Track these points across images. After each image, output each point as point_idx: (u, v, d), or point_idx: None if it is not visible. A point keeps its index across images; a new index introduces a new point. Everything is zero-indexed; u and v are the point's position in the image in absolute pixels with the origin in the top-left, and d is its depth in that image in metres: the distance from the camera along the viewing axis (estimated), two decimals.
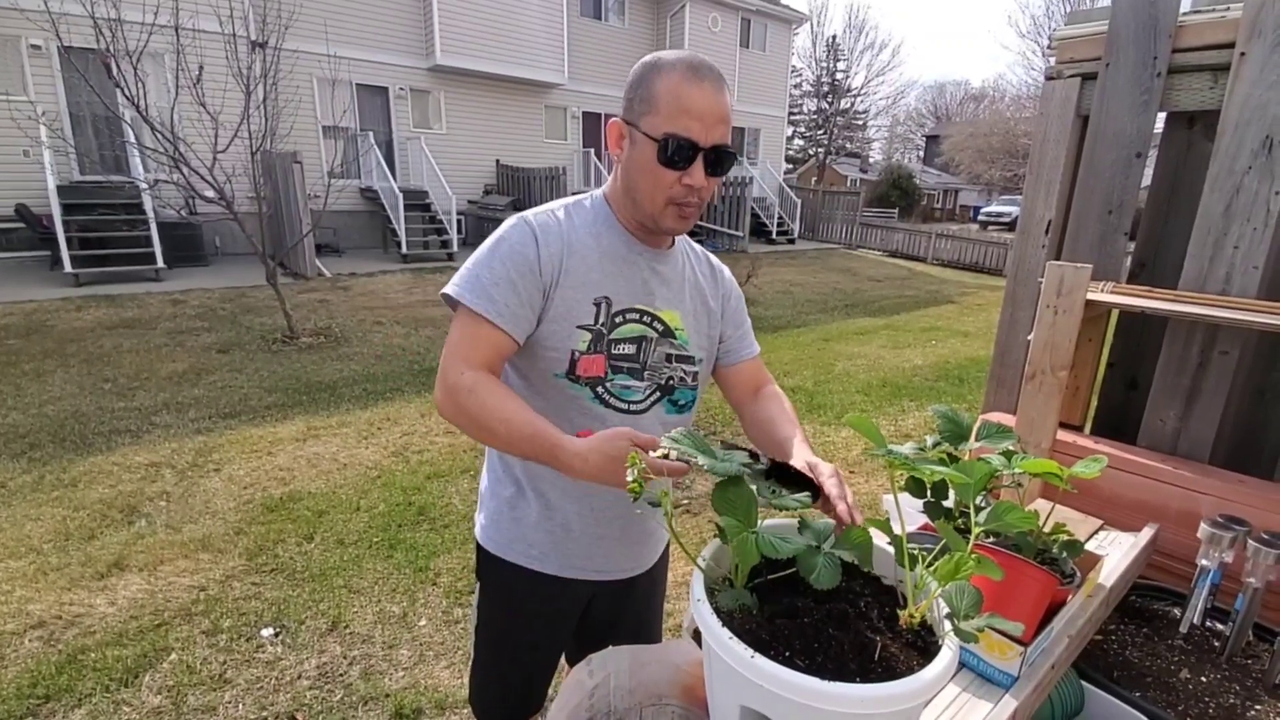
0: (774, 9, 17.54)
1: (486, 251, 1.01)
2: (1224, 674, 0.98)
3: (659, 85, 0.94)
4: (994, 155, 30.72)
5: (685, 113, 0.93)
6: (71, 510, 3.19)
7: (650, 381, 1.10)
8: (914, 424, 4.92)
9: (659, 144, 0.94)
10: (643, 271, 1.08)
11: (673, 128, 0.93)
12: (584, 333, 1.03)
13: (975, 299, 11.12)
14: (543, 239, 1.01)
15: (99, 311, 6.79)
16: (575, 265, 1.02)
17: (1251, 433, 1.48)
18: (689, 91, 0.93)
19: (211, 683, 2.16)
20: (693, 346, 1.14)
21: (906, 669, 0.61)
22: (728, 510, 0.69)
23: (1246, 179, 1.31)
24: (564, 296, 1.01)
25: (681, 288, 1.14)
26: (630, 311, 1.07)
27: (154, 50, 6.13)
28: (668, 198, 0.99)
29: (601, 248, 1.05)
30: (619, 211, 1.08)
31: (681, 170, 0.96)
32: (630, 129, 0.98)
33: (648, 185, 0.98)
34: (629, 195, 1.03)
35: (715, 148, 0.96)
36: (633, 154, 0.99)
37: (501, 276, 0.98)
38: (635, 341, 1.07)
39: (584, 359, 1.04)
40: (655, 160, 0.95)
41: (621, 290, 1.06)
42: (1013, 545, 0.88)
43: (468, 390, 0.95)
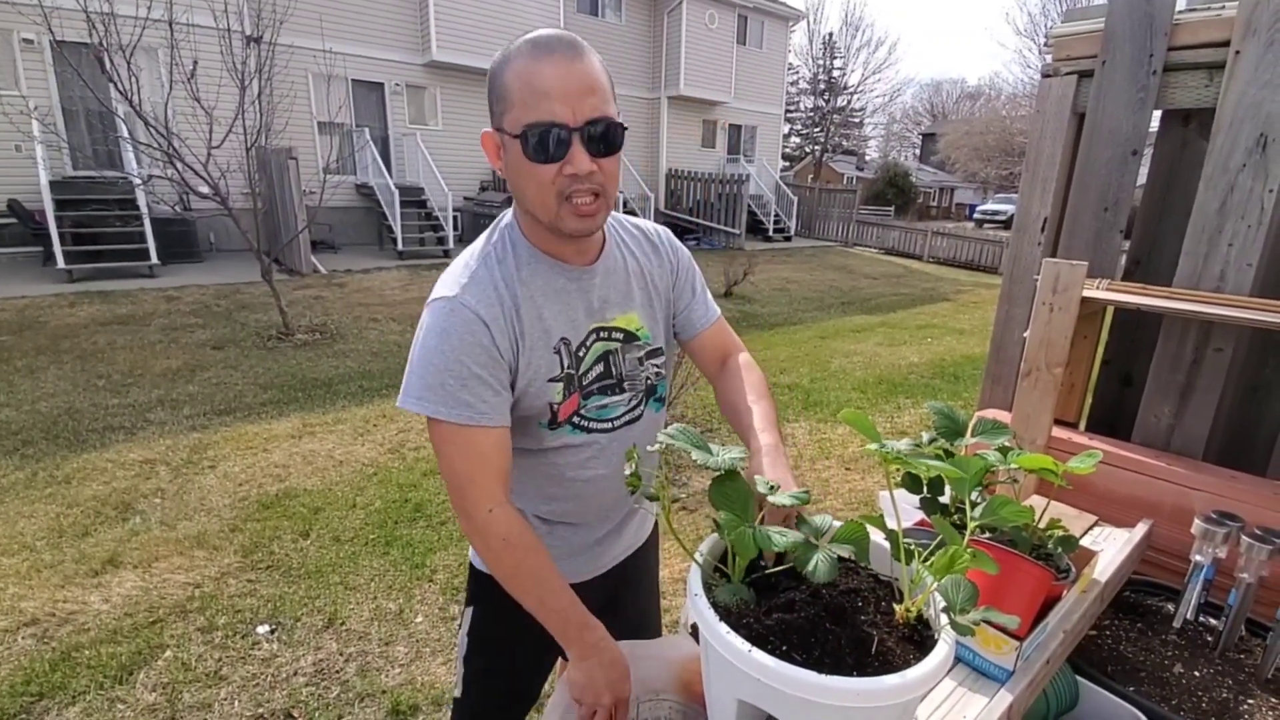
0: (771, 6, 17.51)
1: (435, 350, 0.88)
2: (1217, 668, 0.99)
3: (508, 77, 0.83)
4: (990, 153, 30.78)
5: (541, 95, 0.80)
6: (65, 507, 3.17)
7: (633, 390, 1.06)
8: (910, 421, 4.94)
9: (521, 139, 0.83)
10: (588, 293, 1.00)
11: (531, 115, 0.81)
12: (556, 384, 0.97)
13: (971, 296, 11.15)
14: (489, 318, 0.89)
15: (92, 308, 6.75)
16: (527, 326, 0.93)
17: (1245, 429, 1.49)
18: (538, 70, 0.81)
19: (207, 680, 2.15)
20: (656, 338, 1.09)
21: (903, 663, 0.61)
22: (725, 505, 0.69)
23: (1241, 176, 1.31)
24: (530, 361, 0.94)
25: (628, 286, 1.05)
26: (590, 335, 1.00)
27: (148, 45, 6.08)
28: (556, 195, 0.86)
29: (540, 289, 0.95)
30: (533, 238, 0.96)
31: (559, 161, 0.83)
32: (500, 135, 0.87)
33: (532, 189, 0.87)
34: (524, 209, 0.93)
35: (590, 123, 0.83)
36: (508, 161, 0.88)
37: (467, 375, 0.88)
38: (601, 361, 1.02)
39: (562, 406, 0.99)
40: (523, 157, 0.84)
41: (575, 323, 0.99)
42: (1008, 540, 0.89)
43: (502, 541, 0.91)
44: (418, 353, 0.90)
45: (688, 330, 1.15)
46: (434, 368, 0.88)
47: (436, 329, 0.89)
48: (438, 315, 0.90)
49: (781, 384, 5.64)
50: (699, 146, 17.40)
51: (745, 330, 7.74)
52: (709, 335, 1.16)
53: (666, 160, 16.52)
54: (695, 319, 1.15)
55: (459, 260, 0.96)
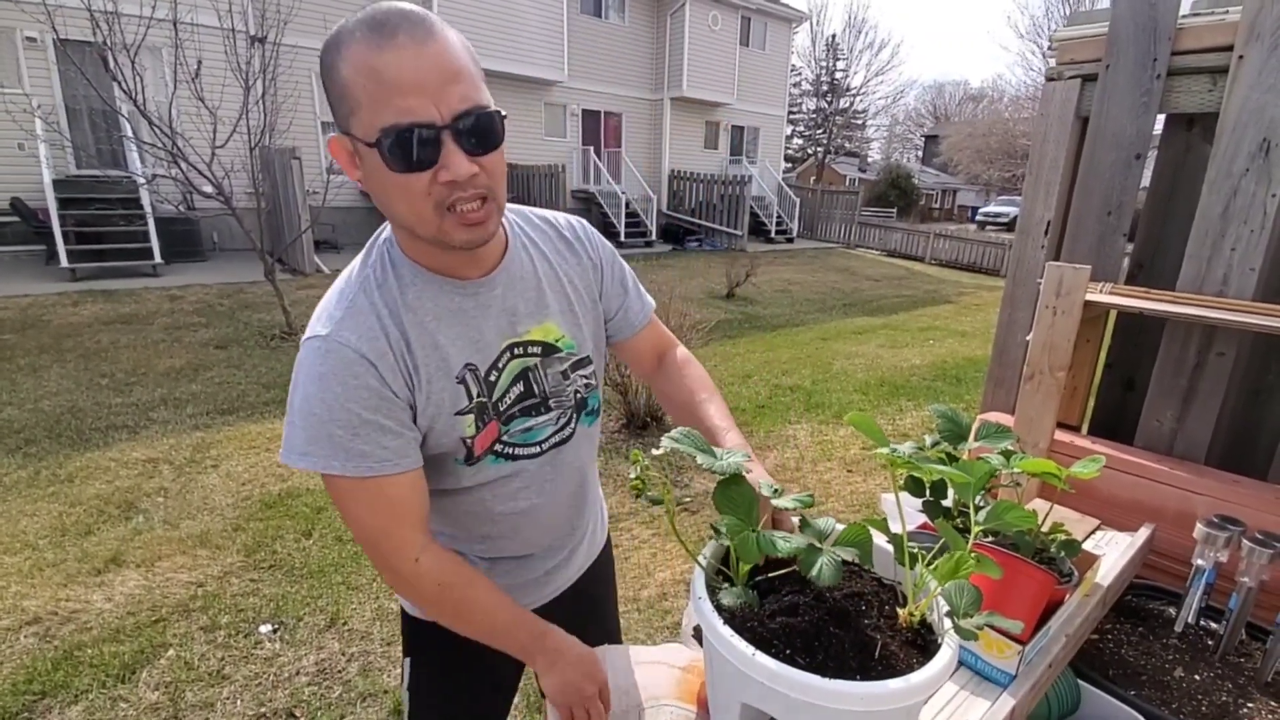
0: (774, 8, 17.53)
1: (315, 398, 0.75)
2: (1217, 672, 0.99)
3: (345, 69, 0.67)
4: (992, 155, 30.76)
5: (392, 90, 0.66)
6: (68, 506, 3.18)
7: (559, 408, 0.94)
8: (912, 423, 4.93)
9: (378, 146, 0.68)
10: (489, 309, 0.86)
11: (383, 118, 0.66)
12: (466, 416, 0.85)
13: (973, 299, 11.14)
14: (374, 355, 0.76)
15: (95, 306, 6.77)
16: (421, 359, 0.80)
17: (1247, 433, 1.49)
18: (382, 59, 0.65)
19: (209, 679, 2.16)
20: (581, 347, 0.96)
21: (906, 666, 0.62)
22: (729, 509, 0.69)
23: (1244, 181, 1.31)
24: (430, 396, 0.81)
25: (540, 292, 0.91)
26: (500, 358, 0.87)
27: (152, 44, 6.10)
28: (433, 206, 0.72)
29: (431, 313, 0.82)
30: (415, 254, 0.82)
31: (430, 166, 0.69)
32: (350, 141, 0.71)
33: (402, 205, 0.72)
34: (394, 223, 0.80)
35: (460, 116, 0.68)
36: (367, 172, 0.72)
37: (357, 423, 0.75)
38: (520, 380, 0.89)
39: (478, 438, 0.87)
40: (385, 168, 0.69)
41: (478, 346, 0.85)
42: (1011, 544, 0.89)
43: (437, 587, 0.83)
44: (296, 401, 0.76)
45: (624, 331, 1.04)
46: (316, 418, 0.75)
47: (313, 374, 0.75)
48: (312, 357, 0.76)
49: (783, 385, 5.64)
50: (701, 148, 17.41)
51: (747, 331, 7.74)
52: (646, 334, 1.06)
53: (669, 161, 16.54)
54: (633, 318, 1.04)
55: (334, 287, 0.81)
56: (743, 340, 7.29)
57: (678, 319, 4.57)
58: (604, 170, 14.64)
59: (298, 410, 0.76)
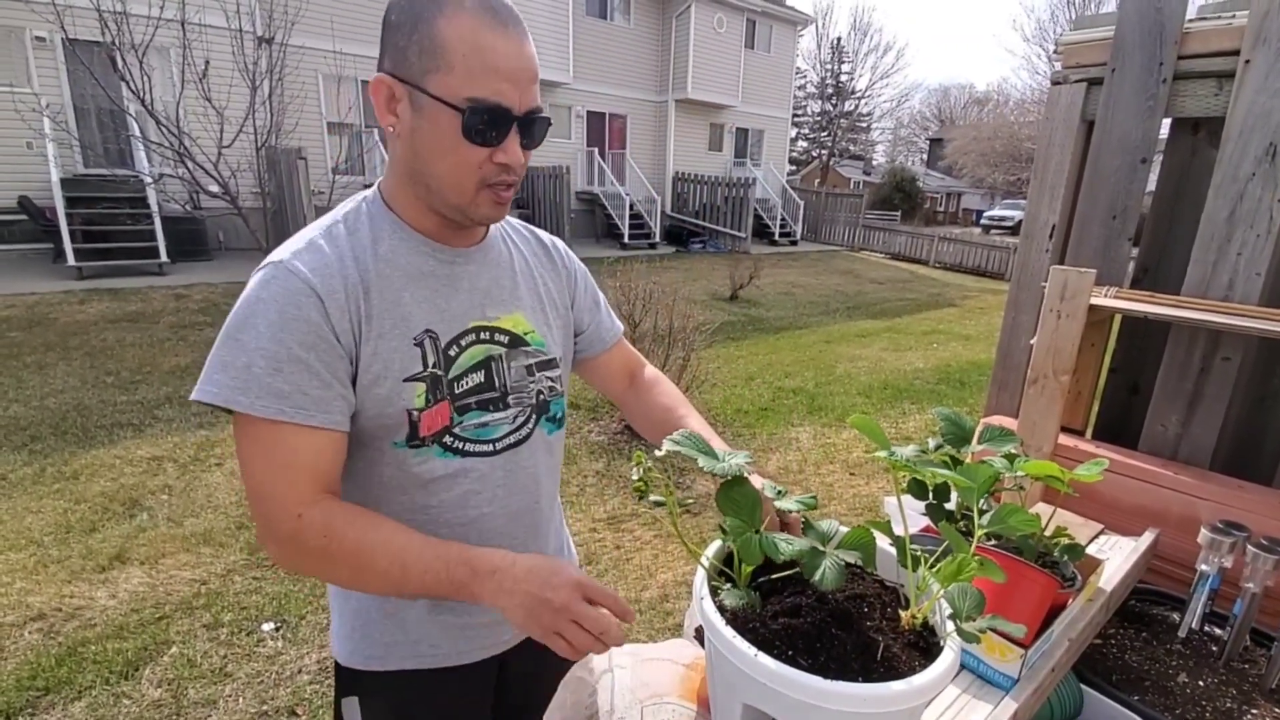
0: (779, 10, 17.53)
1: (244, 323, 0.71)
2: (1221, 678, 0.98)
3: (448, 32, 0.70)
4: (997, 159, 30.71)
5: (493, 71, 0.71)
6: (73, 503, 3.20)
7: (519, 405, 0.89)
8: (915, 426, 4.92)
9: (462, 113, 0.71)
10: (461, 280, 0.85)
11: (478, 91, 0.71)
12: (416, 384, 0.79)
13: (977, 302, 11.12)
14: (324, 290, 0.73)
15: (102, 305, 6.80)
16: (377, 304, 0.77)
17: (1252, 439, 1.48)
18: (493, 42, 0.70)
19: (212, 676, 2.16)
20: (550, 347, 0.94)
21: (909, 669, 0.62)
22: (731, 511, 0.69)
23: (1250, 185, 1.31)
24: (378, 350, 0.77)
25: (514, 281, 0.91)
26: (465, 335, 0.84)
27: (160, 44, 6.14)
28: (478, 180, 0.76)
29: (401, 269, 0.80)
30: (404, 209, 0.82)
31: (493, 145, 0.74)
32: (411, 91, 0.73)
33: (448, 168, 0.75)
34: (419, 181, 0.79)
35: (530, 112, 0.75)
36: (420, 126, 0.74)
37: (283, 356, 0.70)
38: (481, 367, 0.85)
39: (425, 415, 0.80)
40: (458, 135, 0.72)
41: (444, 315, 0.82)
42: (1014, 548, 0.89)
43: (322, 537, 0.71)
44: (224, 328, 0.73)
45: (594, 347, 1.03)
46: (238, 345, 0.70)
47: (250, 299, 0.72)
48: (255, 284, 0.73)
49: (786, 388, 5.64)
50: (706, 150, 17.42)
51: (751, 333, 7.74)
52: (617, 352, 1.06)
53: (673, 163, 16.55)
54: (604, 334, 1.04)
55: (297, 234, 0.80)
56: (746, 342, 7.29)
57: (681, 320, 4.57)
58: (608, 172, 14.65)
59: (221, 337, 0.72)
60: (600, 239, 14.67)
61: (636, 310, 4.57)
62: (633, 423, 1.07)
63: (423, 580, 0.72)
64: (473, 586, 0.71)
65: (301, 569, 0.75)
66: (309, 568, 0.74)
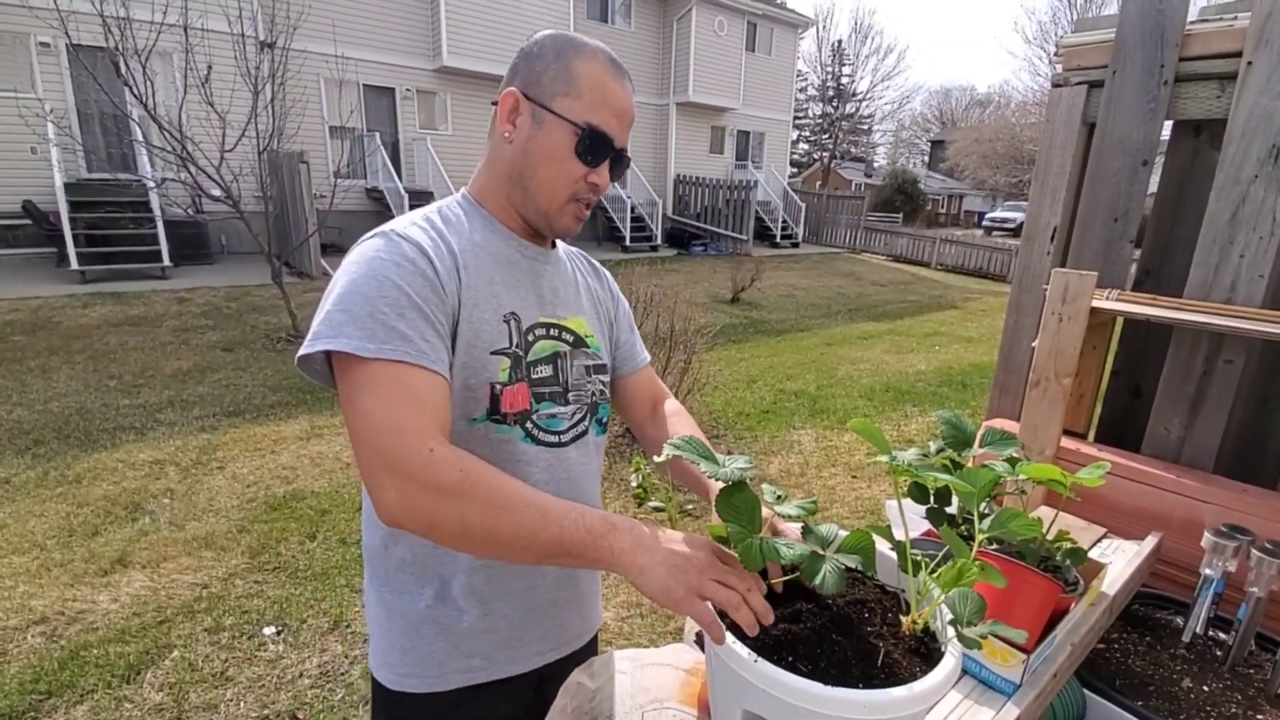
0: (780, 13, 17.56)
1: (364, 278, 0.74)
2: (1226, 683, 0.98)
3: (581, 68, 0.84)
4: (999, 161, 30.69)
5: (609, 106, 0.85)
6: (75, 506, 3.20)
7: (578, 403, 0.94)
8: (917, 429, 4.91)
9: (580, 132, 0.83)
10: (540, 278, 0.93)
11: (595, 118, 0.84)
12: (501, 359, 0.84)
13: (979, 304, 11.10)
14: (432, 248, 0.80)
15: (105, 308, 6.82)
16: (474, 277, 0.83)
17: (1256, 442, 1.48)
18: (613, 86, 0.86)
19: (213, 680, 2.16)
20: (603, 353, 1.01)
21: (910, 675, 0.61)
22: (732, 517, 0.69)
23: (1253, 188, 1.31)
24: (471, 318, 0.82)
25: (577, 291, 1.00)
26: (538, 327, 0.90)
27: (162, 49, 6.16)
28: (571, 193, 0.87)
29: (492, 254, 0.88)
30: (497, 209, 0.91)
31: (592, 167, 0.86)
32: (536, 108, 0.84)
33: (550, 175, 0.85)
34: (518, 184, 0.88)
35: (623, 149, 0.89)
36: (537, 137, 0.84)
37: (405, 303, 0.74)
38: (550, 361, 0.91)
39: (507, 391, 0.84)
40: (569, 149, 0.84)
41: (525, 303, 0.90)
42: (1016, 552, 0.88)
43: (460, 473, 0.67)
44: (338, 289, 0.75)
45: (628, 364, 1.08)
46: (361, 297, 0.73)
47: (366, 258, 0.77)
48: (367, 248, 0.78)
49: (788, 390, 5.63)
50: (707, 152, 17.43)
51: (752, 336, 7.73)
52: (645, 375, 1.11)
53: (675, 166, 16.56)
54: (637, 353, 1.10)
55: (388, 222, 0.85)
56: (747, 345, 7.28)
57: (682, 323, 4.57)
58: None
59: (338, 295, 0.74)
60: (602, 242, 14.68)
61: (638, 313, 4.58)
62: (648, 450, 1.10)
63: (560, 528, 0.67)
64: (611, 539, 0.67)
65: (426, 509, 0.67)
66: (436, 507, 0.67)
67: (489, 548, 0.69)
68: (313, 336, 0.73)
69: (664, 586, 0.64)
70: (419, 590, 0.89)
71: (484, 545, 0.68)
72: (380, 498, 0.68)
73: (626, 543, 0.66)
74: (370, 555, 0.93)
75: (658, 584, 0.64)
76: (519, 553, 0.68)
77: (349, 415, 0.71)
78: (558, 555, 0.68)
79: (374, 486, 0.69)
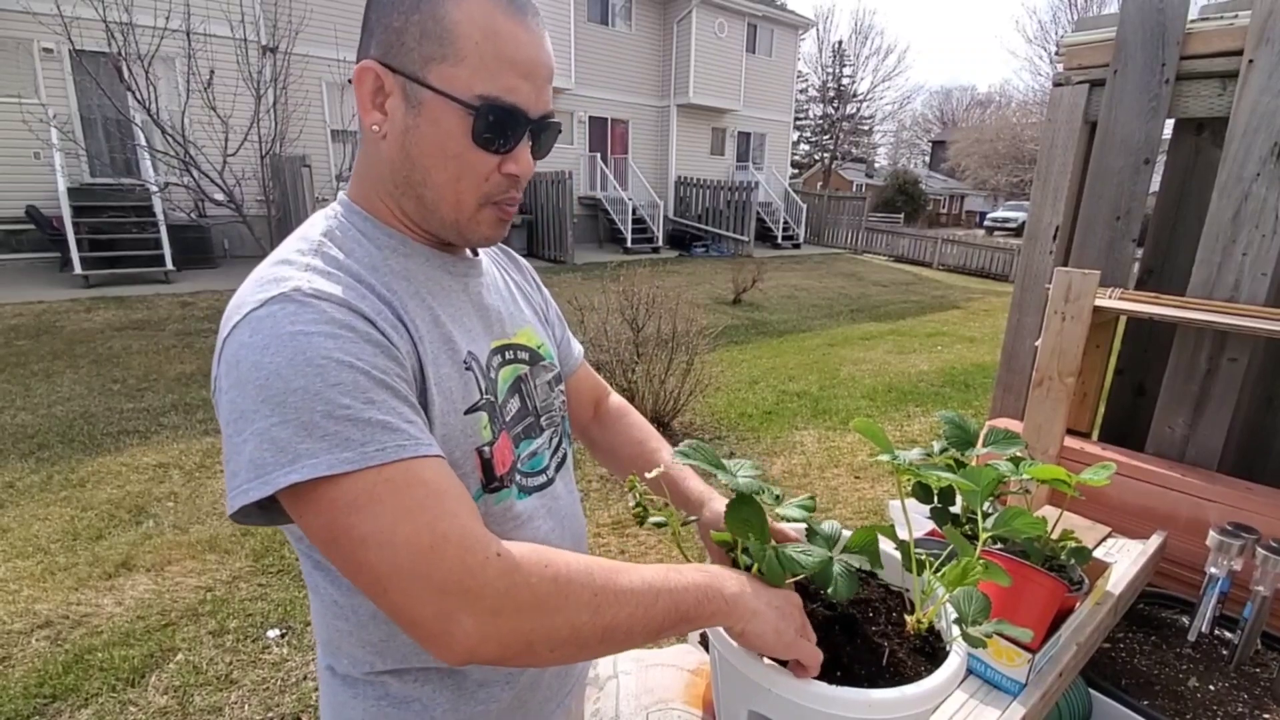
0: (780, 14, 17.58)
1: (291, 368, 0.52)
2: (1232, 682, 0.97)
3: (458, 13, 0.58)
4: (1000, 160, 30.68)
5: (509, 65, 0.60)
6: (79, 510, 3.21)
7: (550, 428, 0.81)
8: (920, 429, 4.91)
9: (475, 111, 0.60)
10: (478, 295, 0.74)
11: (492, 86, 0.59)
12: (479, 415, 0.67)
13: (981, 304, 11.09)
14: (368, 309, 0.58)
15: (108, 313, 6.84)
16: (418, 321, 0.63)
17: (1261, 440, 1.47)
18: (511, 30, 0.60)
19: (218, 683, 2.16)
20: (555, 360, 0.85)
21: (914, 674, 0.61)
22: (741, 530, 0.67)
23: (1255, 186, 1.31)
24: (437, 378, 0.63)
25: (512, 297, 0.82)
26: (494, 356, 0.72)
27: (165, 54, 6.19)
28: (482, 195, 0.65)
29: (422, 284, 0.67)
30: (394, 222, 0.68)
31: (504, 153, 0.63)
32: (407, 83, 0.60)
33: (448, 178, 0.63)
34: (408, 193, 0.65)
35: (544, 117, 0.64)
36: (417, 126, 0.61)
37: (365, 385, 0.54)
38: (514, 391, 0.75)
39: (495, 451, 0.68)
40: (465, 138, 0.61)
41: (474, 334, 0.70)
42: (1020, 552, 0.88)
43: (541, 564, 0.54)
44: (251, 396, 0.52)
45: (567, 364, 0.92)
46: (301, 393, 0.51)
47: (283, 337, 0.53)
48: (275, 320, 0.54)
49: (790, 391, 5.63)
50: (708, 154, 17.45)
51: (754, 337, 7.73)
52: (583, 372, 0.96)
53: (676, 168, 16.58)
54: (574, 350, 0.94)
55: (260, 268, 0.61)
56: (749, 346, 7.28)
57: (684, 324, 4.57)
58: (611, 177, 14.68)
59: (263, 402, 0.51)
60: (603, 244, 14.69)
61: (640, 315, 4.58)
62: (596, 455, 0.96)
63: (670, 592, 0.58)
64: (720, 585, 0.60)
65: (523, 630, 0.52)
66: (536, 624, 0.53)
67: (599, 648, 0.56)
68: (253, 471, 0.51)
69: (776, 629, 0.60)
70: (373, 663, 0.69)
71: (595, 646, 0.56)
72: (451, 635, 0.51)
73: (734, 586, 0.61)
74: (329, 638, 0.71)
75: (770, 627, 0.60)
76: (636, 638, 0.57)
77: (346, 552, 0.52)
78: (674, 624, 0.58)
79: (436, 623, 0.51)
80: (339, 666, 0.71)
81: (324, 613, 0.70)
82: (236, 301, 0.59)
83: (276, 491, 0.51)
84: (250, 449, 0.52)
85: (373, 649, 0.68)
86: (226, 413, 0.54)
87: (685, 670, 0.96)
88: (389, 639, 0.68)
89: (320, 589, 0.68)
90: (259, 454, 0.51)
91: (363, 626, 0.67)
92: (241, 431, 0.53)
